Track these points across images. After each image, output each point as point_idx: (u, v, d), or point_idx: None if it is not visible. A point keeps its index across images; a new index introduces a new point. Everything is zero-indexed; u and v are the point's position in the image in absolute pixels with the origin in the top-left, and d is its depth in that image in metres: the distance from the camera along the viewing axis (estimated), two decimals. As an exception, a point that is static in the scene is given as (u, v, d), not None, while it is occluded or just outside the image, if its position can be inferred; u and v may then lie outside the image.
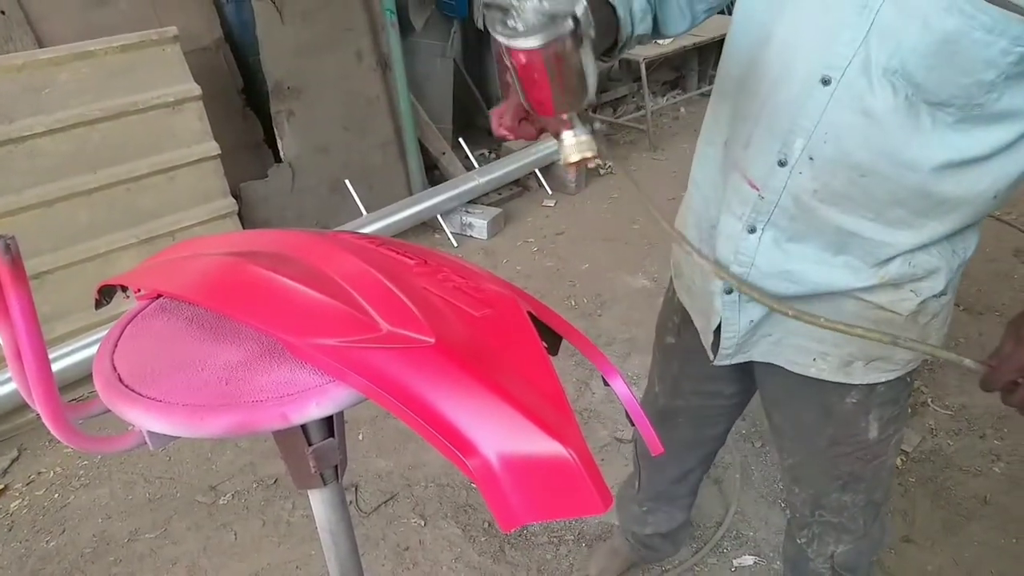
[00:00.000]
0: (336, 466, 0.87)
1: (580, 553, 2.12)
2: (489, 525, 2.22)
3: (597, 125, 0.93)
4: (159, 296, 0.94)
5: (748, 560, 2.07)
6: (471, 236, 4.02)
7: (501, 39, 0.76)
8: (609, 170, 4.74)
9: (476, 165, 4.25)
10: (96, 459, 2.57)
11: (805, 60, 1.00)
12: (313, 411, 0.71)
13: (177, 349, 0.83)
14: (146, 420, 0.73)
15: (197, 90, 3.04)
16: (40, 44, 3.07)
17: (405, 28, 4.26)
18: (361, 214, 3.68)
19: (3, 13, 3.00)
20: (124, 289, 0.98)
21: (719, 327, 1.28)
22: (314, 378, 0.74)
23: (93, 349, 2.27)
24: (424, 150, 4.26)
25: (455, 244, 3.92)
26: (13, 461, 2.58)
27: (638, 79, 5.38)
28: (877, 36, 0.93)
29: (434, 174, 4.35)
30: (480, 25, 0.87)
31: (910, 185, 1.01)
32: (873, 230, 1.06)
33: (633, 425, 0.90)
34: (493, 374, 0.70)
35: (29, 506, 2.40)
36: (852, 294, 1.14)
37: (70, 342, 2.69)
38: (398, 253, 0.93)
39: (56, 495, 2.44)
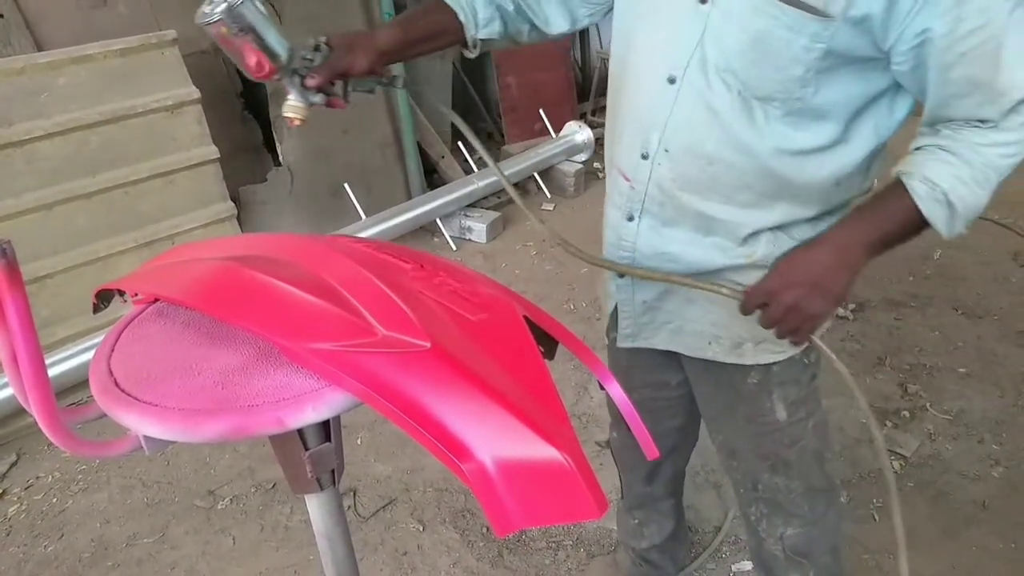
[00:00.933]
0: (333, 471, 0.87)
1: (578, 558, 2.12)
2: (487, 530, 2.22)
3: (316, 98, 1.19)
4: (156, 300, 0.94)
5: (747, 565, 2.07)
6: (470, 240, 4.02)
7: (196, 20, 1.08)
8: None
9: (475, 169, 4.26)
10: (94, 464, 2.57)
11: (656, 61, 1.14)
12: (309, 415, 0.71)
13: (173, 353, 0.83)
14: (142, 424, 0.73)
15: (196, 94, 3.04)
16: (39, 47, 3.07)
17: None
18: (360, 218, 3.68)
19: (2, 16, 3.01)
20: (122, 293, 0.98)
21: (616, 311, 1.40)
22: (310, 382, 0.74)
23: (92, 353, 2.28)
24: (423, 154, 4.26)
25: (454, 248, 3.92)
26: (12, 466, 2.58)
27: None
28: (709, 38, 1.07)
29: (433, 178, 4.36)
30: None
31: (753, 171, 1.12)
32: (727, 212, 1.17)
33: (629, 430, 0.90)
34: (489, 378, 0.70)
35: (27, 511, 2.39)
36: (732, 279, 1.22)
37: (69, 346, 2.69)
38: (394, 257, 0.93)
39: (54, 499, 2.44)
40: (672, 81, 1.12)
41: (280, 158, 3.70)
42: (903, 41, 0.98)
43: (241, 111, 3.83)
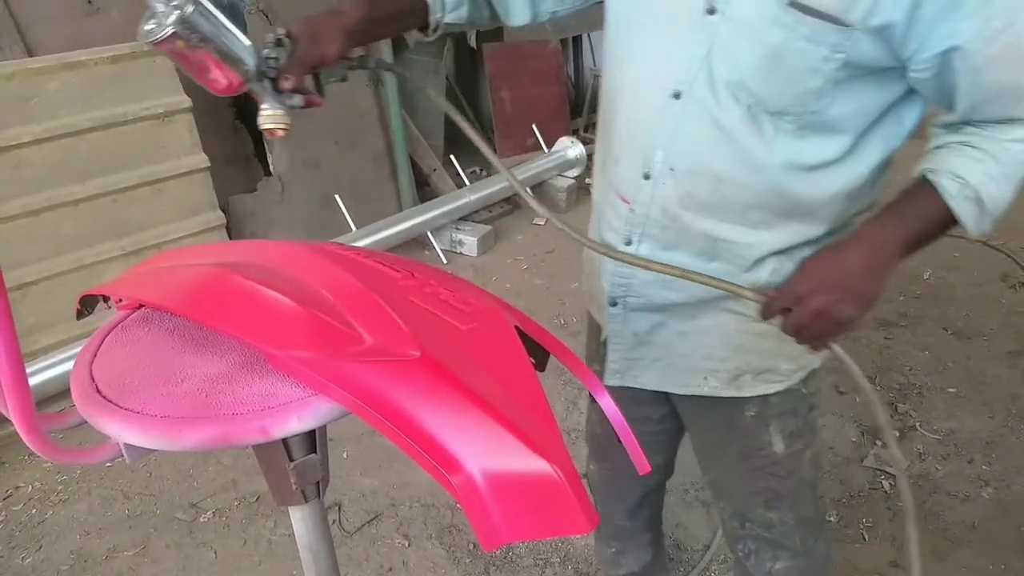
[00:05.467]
0: (318, 483, 0.85)
1: None
2: (474, 547, 2.19)
3: (295, 100, 1.07)
4: (141, 306, 0.92)
5: (735, 584, 2.05)
6: (461, 253, 4.01)
7: (140, 39, 0.94)
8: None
9: (467, 182, 4.25)
10: (75, 474, 2.53)
11: (656, 76, 1.08)
12: (294, 425, 0.70)
13: (157, 360, 0.81)
14: (123, 432, 0.71)
15: (187, 102, 3.03)
16: (30, 53, 3.06)
17: (398, 44, 4.26)
18: (351, 229, 3.66)
19: (-7, 22, 2.99)
20: (106, 299, 0.96)
21: (606, 343, 1.33)
22: (296, 391, 0.72)
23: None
24: (415, 166, 4.25)
25: (445, 261, 3.91)
26: (-10, 475, 2.54)
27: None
28: (718, 52, 1.01)
29: (424, 191, 4.35)
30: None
31: (765, 188, 1.08)
32: (736, 233, 1.12)
33: (620, 443, 0.89)
34: (479, 389, 0.69)
35: (5, 521, 2.35)
36: (729, 308, 1.20)
37: (53, 354, 2.65)
38: (385, 265, 0.92)
39: (34, 510, 2.40)
40: (677, 97, 1.06)
41: (271, 168, 3.68)
42: (927, 48, 0.94)
43: (232, 120, 3.82)
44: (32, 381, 0.68)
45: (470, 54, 4.96)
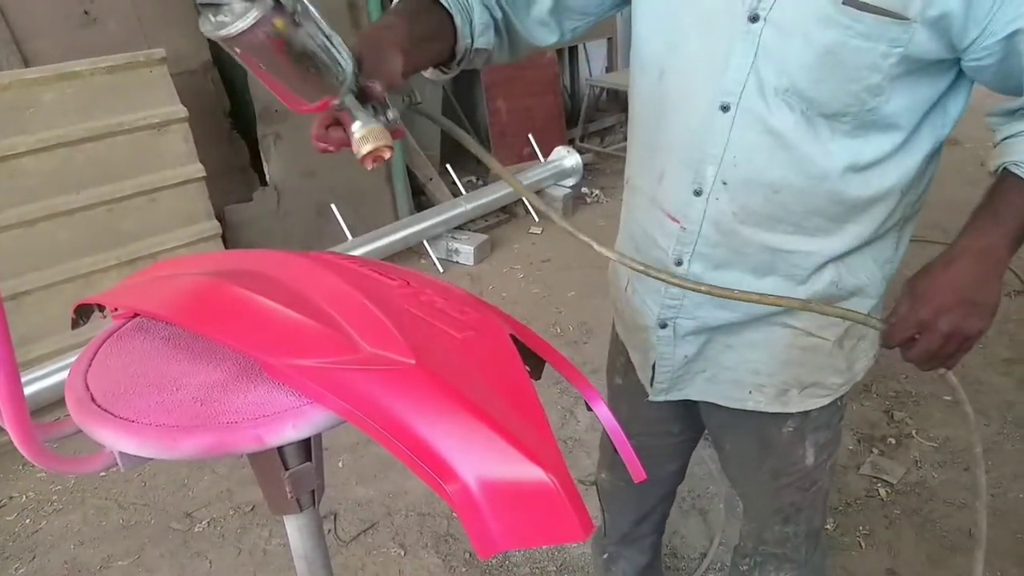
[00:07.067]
0: (313, 491, 0.85)
1: (562, 584, 2.09)
2: (470, 556, 2.18)
3: (391, 114, 0.89)
4: (136, 315, 0.92)
5: (732, 592, 2.04)
6: (457, 262, 4.02)
7: (210, 34, 0.71)
8: (596, 198, 4.76)
9: (463, 191, 4.26)
10: (70, 484, 2.51)
11: (702, 89, 1.04)
12: (289, 433, 0.70)
13: (152, 369, 0.81)
14: (118, 440, 0.71)
15: (183, 112, 3.03)
16: (26, 64, 3.06)
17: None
18: (347, 238, 3.67)
19: (-10, 32, 2.99)
20: (101, 308, 0.96)
21: (655, 366, 1.29)
22: (291, 400, 0.72)
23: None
24: (411, 175, 4.26)
25: (441, 270, 3.91)
26: (-16, 485, 2.52)
27: (625, 109, 5.43)
28: (764, 58, 0.98)
29: (421, 200, 4.36)
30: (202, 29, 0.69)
31: (822, 193, 1.05)
32: (795, 242, 1.09)
33: (615, 452, 0.89)
34: (474, 397, 0.69)
35: (-1, 532, 2.34)
36: (783, 322, 1.17)
37: (46, 364, 2.64)
38: (380, 274, 0.92)
39: (28, 520, 2.38)
40: (726, 109, 1.02)
41: (267, 177, 3.69)
42: (990, 34, 0.92)
43: (228, 130, 3.83)
44: (26, 391, 0.67)
45: (466, 64, 4.97)
